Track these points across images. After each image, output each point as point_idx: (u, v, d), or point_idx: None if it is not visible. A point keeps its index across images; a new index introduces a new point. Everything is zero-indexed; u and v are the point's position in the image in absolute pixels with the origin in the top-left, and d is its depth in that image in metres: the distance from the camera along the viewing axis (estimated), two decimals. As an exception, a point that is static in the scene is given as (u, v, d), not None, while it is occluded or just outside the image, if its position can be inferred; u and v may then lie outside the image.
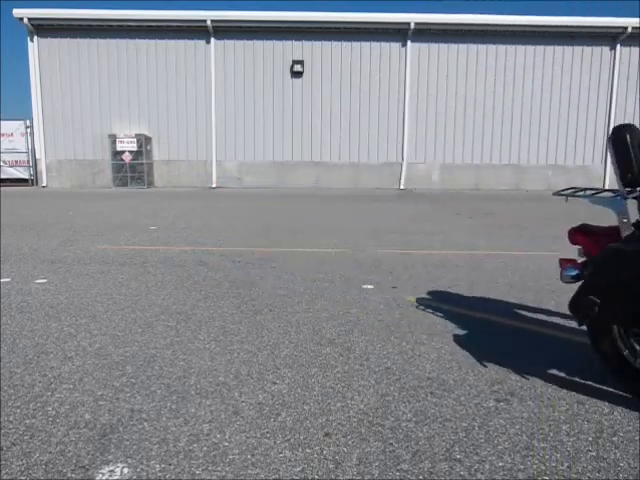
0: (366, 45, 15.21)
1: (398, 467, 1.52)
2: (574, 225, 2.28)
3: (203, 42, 15.06)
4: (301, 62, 15.14)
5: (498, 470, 1.52)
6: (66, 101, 15.30)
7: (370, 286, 3.69)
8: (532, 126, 15.18)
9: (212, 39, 14.96)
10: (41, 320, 2.87)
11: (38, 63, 15.08)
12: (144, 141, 14.90)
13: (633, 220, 2.07)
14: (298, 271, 4.17)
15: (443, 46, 15.20)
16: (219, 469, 1.51)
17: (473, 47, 15.20)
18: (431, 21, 14.72)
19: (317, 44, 15.19)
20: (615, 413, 1.85)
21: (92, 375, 2.14)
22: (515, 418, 1.81)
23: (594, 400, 1.95)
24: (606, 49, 15.14)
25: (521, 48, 15.16)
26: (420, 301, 3.30)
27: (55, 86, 15.26)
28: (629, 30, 14.54)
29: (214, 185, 15.58)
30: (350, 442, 1.65)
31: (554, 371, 2.22)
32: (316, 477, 1.48)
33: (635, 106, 15.30)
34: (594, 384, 2.09)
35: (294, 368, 2.23)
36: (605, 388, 2.05)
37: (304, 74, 15.26)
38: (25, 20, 14.58)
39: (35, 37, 14.97)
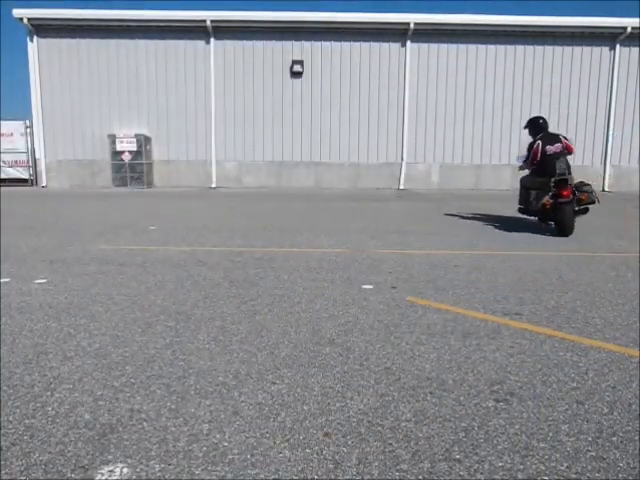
0: (366, 45, 15.20)
1: (397, 467, 1.52)
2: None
3: (203, 42, 15.06)
4: (301, 62, 15.13)
5: (497, 470, 1.52)
6: (66, 101, 15.29)
7: (370, 286, 3.69)
8: (532, 126, 15.16)
9: (212, 39, 14.95)
10: (41, 320, 2.87)
11: (38, 63, 15.07)
12: (144, 141, 14.89)
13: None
14: (298, 271, 4.17)
15: (443, 46, 15.20)
16: (219, 469, 1.51)
17: (473, 47, 15.20)
18: (431, 21, 14.72)
19: (317, 44, 15.19)
20: (615, 413, 1.85)
21: (92, 375, 2.14)
22: (514, 418, 1.81)
23: (594, 400, 1.95)
24: (606, 49, 15.15)
25: (520, 48, 15.17)
26: (419, 301, 3.30)
27: (55, 86, 15.24)
28: (629, 30, 14.54)
29: (214, 185, 15.58)
30: (350, 442, 1.65)
31: (554, 371, 2.22)
32: (316, 477, 1.48)
33: (635, 106, 15.30)
34: (594, 384, 2.09)
35: (294, 368, 2.23)
36: (605, 388, 2.05)
37: (304, 74, 15.26)
38: (25, 20, 14.57)
39: (35, 37, 14.96)
